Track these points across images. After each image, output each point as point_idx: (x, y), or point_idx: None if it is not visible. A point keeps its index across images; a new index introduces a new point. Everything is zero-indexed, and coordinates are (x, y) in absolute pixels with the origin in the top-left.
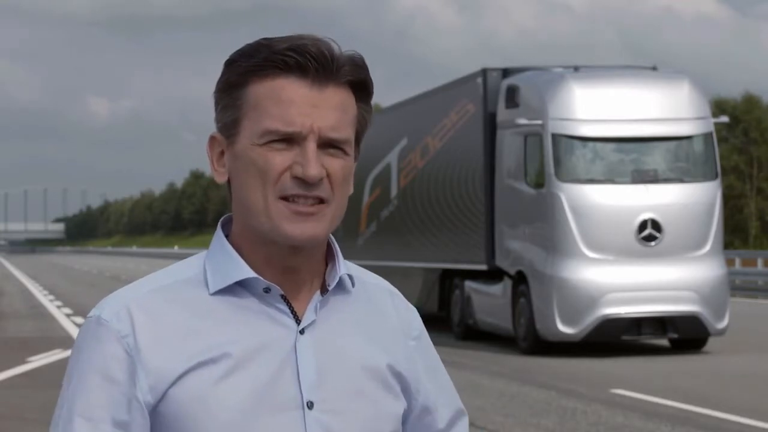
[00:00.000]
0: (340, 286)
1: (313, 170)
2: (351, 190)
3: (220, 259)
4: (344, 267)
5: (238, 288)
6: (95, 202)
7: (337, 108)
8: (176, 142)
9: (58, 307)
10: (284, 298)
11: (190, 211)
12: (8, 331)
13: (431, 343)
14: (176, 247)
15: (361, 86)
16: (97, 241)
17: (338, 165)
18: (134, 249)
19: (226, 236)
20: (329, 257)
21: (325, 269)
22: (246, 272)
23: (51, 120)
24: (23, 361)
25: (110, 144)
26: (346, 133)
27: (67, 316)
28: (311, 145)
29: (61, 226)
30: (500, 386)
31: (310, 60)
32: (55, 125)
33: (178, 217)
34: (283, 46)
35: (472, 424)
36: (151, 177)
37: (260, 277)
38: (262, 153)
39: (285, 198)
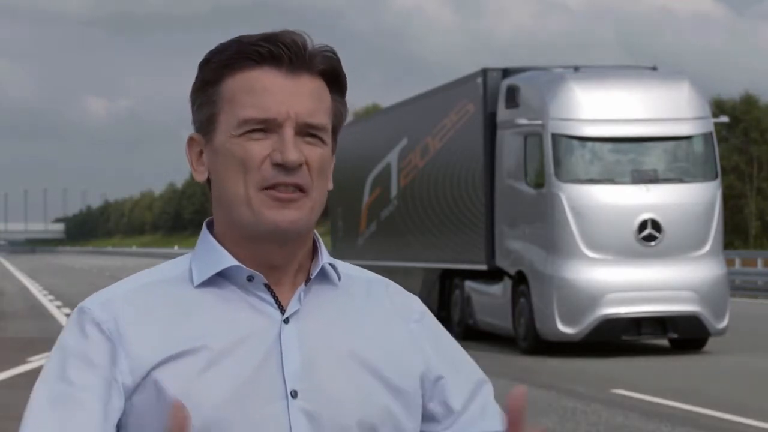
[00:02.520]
0: (324, 276)
1: (293, 155)
2: (330, 186)
3: (205, 255)
4: (326, 257)
5: (221, 279)
6: (95, 202)
7: (312, 95)
8: (176, 142)
9: (58, 307)
10: (267, 287)
11: (190, 211)
12: (8, 331)
13: (438, 323)
14: (176, 247)
15: (333, 77)
16: (97, 241)
17: (316, 153)
18: (134, 249)
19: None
20: (314, 253)
21: (310, 264)
22: (228, 261)
23: (51, 120)
24: (23, 361)
25: (110, 144)
26: (323, 120)
27: (67, 316)
28: (289, 131)
29: (61, 226)
30: (500, 386)
31: (283, 49)
32: (55, 125)
33: (178, 217)
34: (255, 38)
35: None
36: (151, 177)
37: (242, 266)
38: (240, 143)
39: (266, 189)
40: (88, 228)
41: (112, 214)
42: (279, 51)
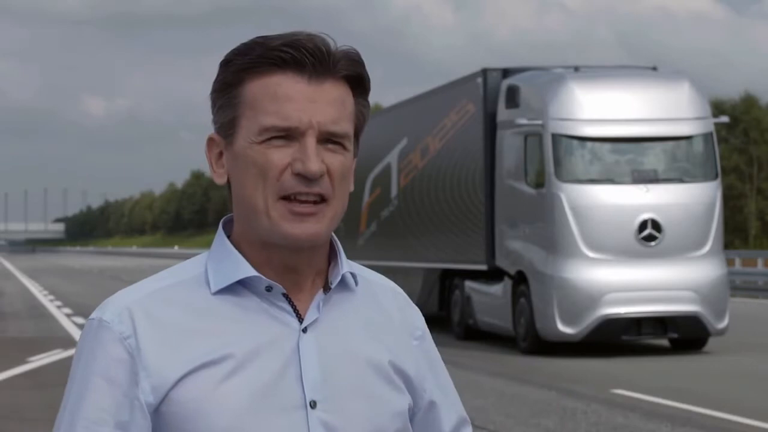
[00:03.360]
0: (343, 284)
1: (314, 165)
2: (351, 188)
3: (222, 259)
4: (347, 265)
5: (240, 287)
6: (95, 202)
7: (335, 102)
8: (177, 142)
9: (58, 307)
10: (286, 296)
11: (191, 211)
12: (8, 331)
13: (434, 344)
14: (176, 247)
15: (357, 81)
16: (98, 241)
17: (338, 161)
18: (134, 249)
19: (228, 236)
20: (331, 255)
21: (328, 267)
22: (247, 271)
23: (51, 120)
24: (23, 361)
25: (110, 144)
26: (346, 127)
27: (67, 316)
28: (310, 141)
29: (61, 226)
30: (500, 386)
31: (306, 55)
32: (55, 125)
33: (178, 217)
34: (278, 42)
35: (471, 424)
36: (151, 177)
37: (262, 276)
38: (261, 151)
39: (286, 198)
40: (89, 228)
41: (112, 214)
42: (302, 57)
